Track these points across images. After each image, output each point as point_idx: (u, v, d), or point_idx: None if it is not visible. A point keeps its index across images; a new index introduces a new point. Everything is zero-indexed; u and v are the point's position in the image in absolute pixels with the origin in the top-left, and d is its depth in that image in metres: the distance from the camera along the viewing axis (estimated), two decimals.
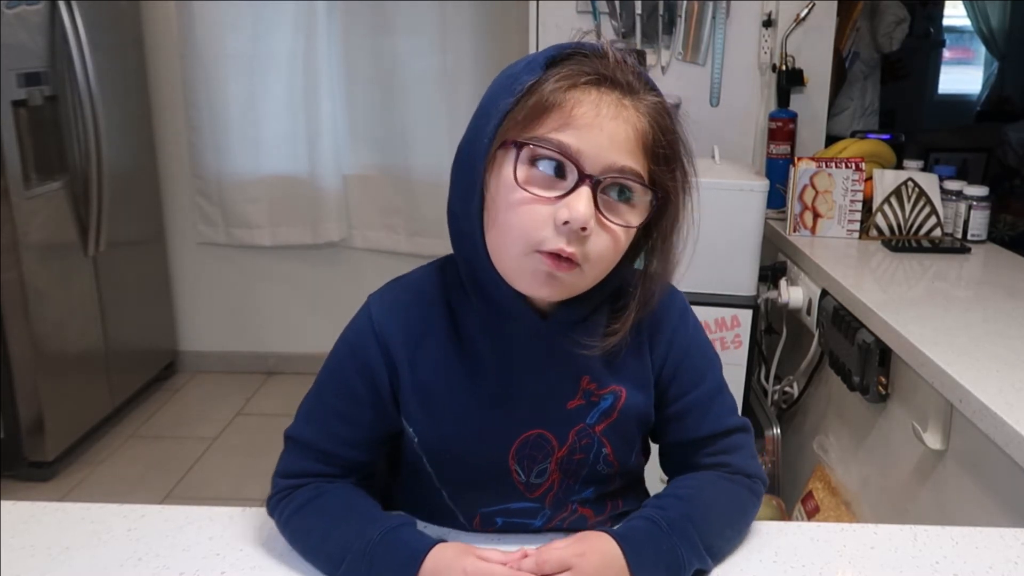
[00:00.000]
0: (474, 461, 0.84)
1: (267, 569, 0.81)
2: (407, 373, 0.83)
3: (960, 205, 2.01)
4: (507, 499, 0.86)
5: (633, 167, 0.75)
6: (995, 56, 5.86)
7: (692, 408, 0.88)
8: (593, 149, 0.73)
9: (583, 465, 0.85)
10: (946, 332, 1.39)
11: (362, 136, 3.32)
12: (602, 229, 0.74)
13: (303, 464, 0.86)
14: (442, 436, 0.84)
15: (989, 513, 1.19)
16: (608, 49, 0.76)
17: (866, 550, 0.86)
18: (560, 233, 0.73)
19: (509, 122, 0.75)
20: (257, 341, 3.52)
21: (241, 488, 2.65)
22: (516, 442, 0.83)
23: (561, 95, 0.73)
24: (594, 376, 0.84)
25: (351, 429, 0.85)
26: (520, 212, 0.74)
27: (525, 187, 0.73)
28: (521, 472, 0.84)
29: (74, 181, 2.73)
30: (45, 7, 2.58)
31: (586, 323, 0.82)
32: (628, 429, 0.86)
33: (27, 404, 2.59)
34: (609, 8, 2.36)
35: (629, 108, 0.75)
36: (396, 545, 0.77)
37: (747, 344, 1.84)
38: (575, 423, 0.84)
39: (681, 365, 0.87)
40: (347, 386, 0.85)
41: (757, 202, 1.81)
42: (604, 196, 0.74)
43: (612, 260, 0.78)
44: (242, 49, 3.19)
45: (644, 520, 0.79)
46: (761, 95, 2.42)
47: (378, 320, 0.84)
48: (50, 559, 0.81)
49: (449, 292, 0.84)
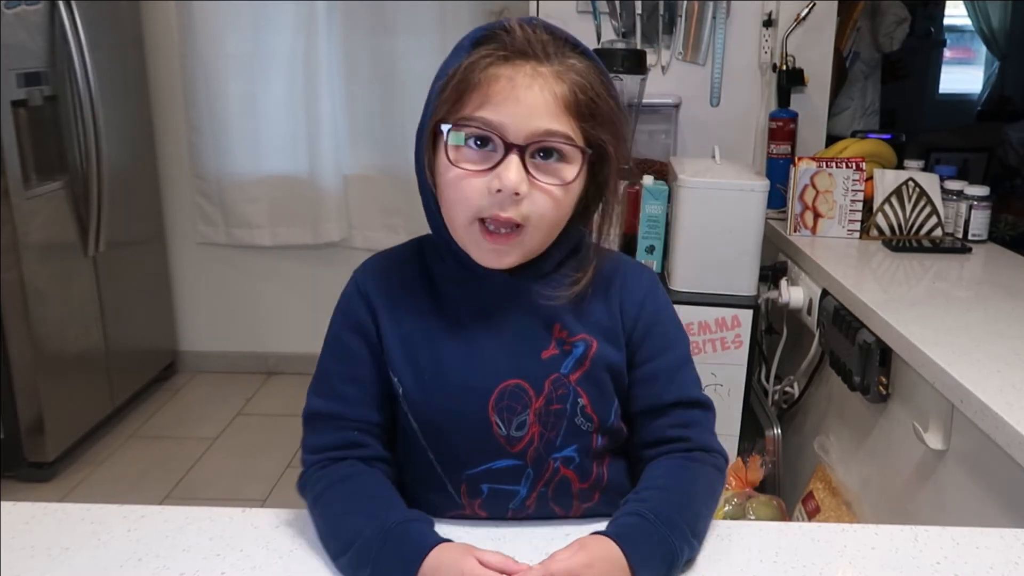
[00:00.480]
0: (455, 414, 0.87)
1: (267, 569, 0.81)
2: (389, 327, 0.89)
3: (961, 205, 2.01)
4: (490, 457, 0.88)
5: (557, 129, 0.80)
6: (996, 56, 5.86)
7: (659, 373, 0.91)
8: (514, 119, 0.79)
9: (561, 416, 0.88)
10: (947, 332, 1.39)
11: (362, 136, 3.32)
12: (538, 191, 0.81)
13: (323, 438, 0.89)
14: (425, 389, 0.88)
15: (990, 513, 1.19)
16: (515, 25, 0.82)
17: (867, 550, 0.85)
18: (496, 201, 0.80)
19: (440, 106, 0.82)
20: (257, 341, 3.52)
21: (241, 488, 2.65)
22: (495, 392, 0.87)
23: (478, 75, 0.80)
24: (565, 324, 0.88)
25: (358, 388, 0.89)
26: (458, 187, 0.82)
27: (457, 164, 0.81)
28: (501, 424, 0.87)
29: (74, 181, 2.73)
30: (45, 7, 2.58)
31: (551, 278, 0.88)
32: (602, 379, 0.89)
33: (27, 404, 2.59)
34: (609, 8, 2.36)
35: (545, 75, 0.80)
36: (403, 539, 0.78)
37: (747, 344, 1.84)
38: (550, 372, 0.88)
39: (652, 330, 0.91)
40: (344, 347, 0.90)
41: (757, 202, 1.81)
42: (534, 160, 0.80)
43: (558, 217, 0.84)
44: (242, 49, 3.19)
45: (633, 516, 0.81)
46: (761, 95, 2.42)
47: (361, 282, 0.91)
48: (50, 559, 0.81)
49: (426, 256, 0.92)
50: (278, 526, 0.88)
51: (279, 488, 2.65)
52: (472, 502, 0.90)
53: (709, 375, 1.85)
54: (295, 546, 0.85)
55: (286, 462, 2.80)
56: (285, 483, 2.68)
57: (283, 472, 2.74)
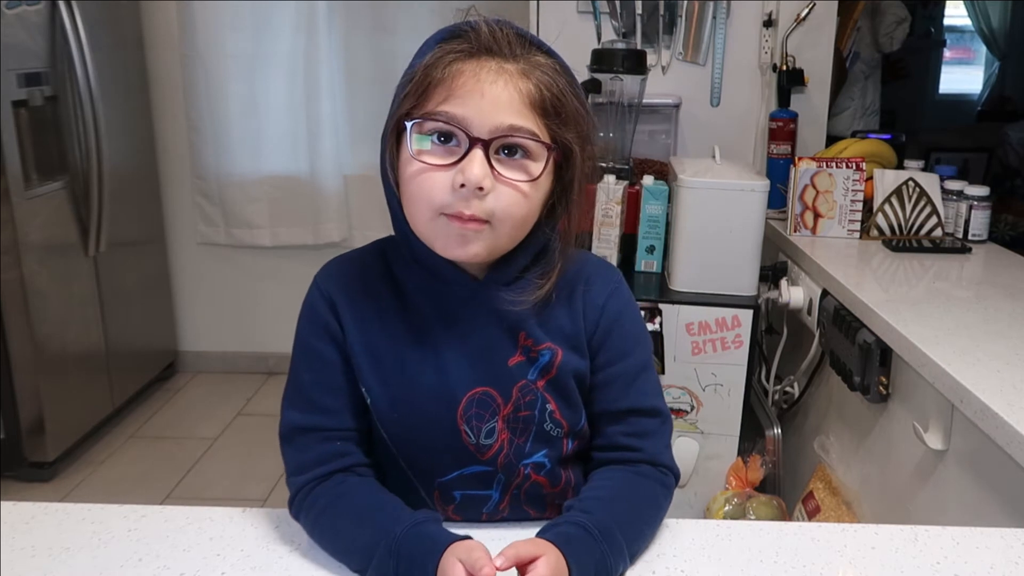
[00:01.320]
0: (424, 423, 0.86)
1: (267, 569, 0.81)
2: (355, 335, 0.87)
3: (961, 205, 2.01)
4: (461, 464, 0.88)
5: (522, 125, 0.79)
6: (996, 56, 5.86)
7: (616, 379, 0.90)
8: (477, 114, 0.78)
9: (530, 422, 0.88)
10: (947, 332, 1.39)
11: (362, 136, 3.32)
12: (504, 186, 0.79)
13: (306, 454, 0.87)
14: (392, 398, 0.86)
15: (990, 513, 1.19)
16: (481, 23, 0.81)
17: (867, 550, 0.86)
18: (460, 197, 0.78)
19: (404, 102, 0.81)
20: (257, 341, 3.52)
21: (241, 488, 2.65)
22: (463, 400, 0.86)
23: (442, 71, 0.79)
24: (530, 332, 0.87)
25: (335, 397, 0.87)
26: (419, 180, 0.80)
27: (419, 158, 0.79)
28: (470, 432, 0.87)
29: (74, 181, 2.73)
30: (45, 7, 2.58)
31: (516, 283, 0.86)
32: (568, 386, 0.88)
33: (28, 404, 2.59)
34: (609, 8, 2.36)
35: (510, 71, 0.79)
36: (418, 541, 0.77)
37: (748, 344, 1.84)
38: (517, 379, 0.87)
39: (611, 334, 0.90)
40: (314, 353, 0.88)
41: (758, 202, 1.81)
42: (498, 156, 0.79)
43: (525, 215, 0.82)
44: (242, 49, 3.19)
45: (576, 527, 0.79)
46: (762, 95, 2.42)
47: (324, 286, 0.90)
48: (51, 559, 0.82)
49: (390, 262, 0.90)
50: (278, 526, 0.89)
51: (279, 488, 2.65)
52: (446, 508, 0.90)
53: (709, 375, 1.85)
54: (295, 546, 0.85)
55: None
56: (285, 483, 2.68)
57: (283, 472, 2.74)
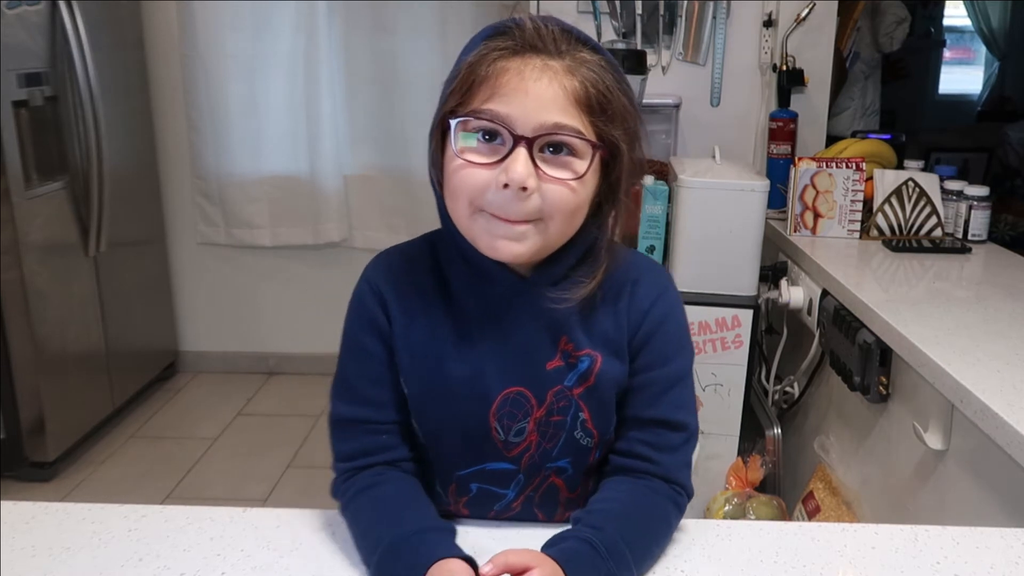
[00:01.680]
0: (457, 417, 0.87)
1: (267, 569, 0.81)
2: (400, 327, 0.88)
3: (961, 205, 2.02)
4: (485, 459, 0.88)
5: (567, 123, 0.78)
6: (996, 56, 5.86)
7: (650, 385, 0.88)
8: (522, 112, 0.77)
9: (561, 428, 0.87)
10: (947, 332, 1.39)
11: (363, 136, 3.32)
12: (550, 184, 0.78)
13: (352, 444, 0.89)
14: (428, 393, 0.87)
15: (990, 513, 1.19)
16: (527, 20, 0.81)
17: (867, 550, 0.86)
18: (505, 197, 0.77)
19: (449, 99, 0.80)
20: (257, 341, 3.52)
21: (242, 488, 2.65)
22: (497, 398, 0.86)
23: (487, 68, 0.78)
24: (571, 337, 0.87)
25: (381, 390, 0.88)
26: (461, 175, 0.79)
27: (463, 155, 0.79)
28: (501, 430, 0.87)
29: (75, 181, 2.73)
30: (46, 7, 2.58)
31: (563, 283, 0.85)
32: (605, 395, 0.87)
33: (28, 404, 2.59)
34: (610, 8, 2.36)
35: (555, 68, 0.78)
36: (413, 551, 0.77)
37: (748, 344, 1.84)
38: (553, 384, 0.87)
39: (653, 338, 0.88)
40: (361, 347, 0.89)
41: (758, 202, 1.81)
42: (543, 154, 0.78)
43: (573, 209, 0.81)
44: (242, 49, 3.19)
45: (583, 543, 0.78)
46: (762, 95, 2.42)
47: (373, 279, 0.90)
48: (51, 559, 0.82)
49: (438, 256, 0.90)
50: (278, 526, 0.88)
51: (279, 488, 2.65)
52: (459, 500, 0.90)
53: (709, 375, 1.85)
54: (295, 546, 0.85)
55: (286, 462, 2.80)
56: (285, 483, 2.68)
57: (283, 472, 2.74)
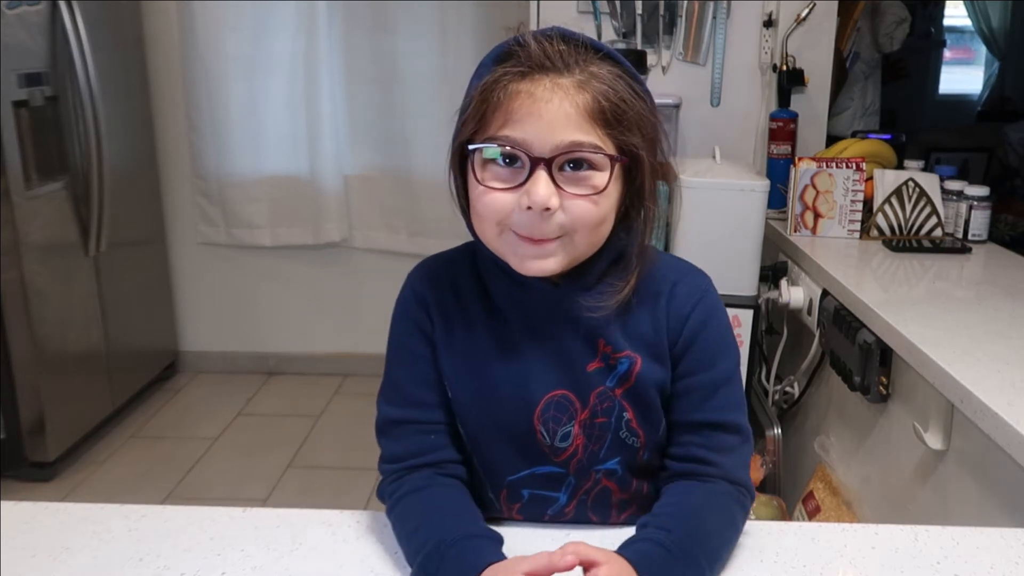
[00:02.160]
0: (501, 422, 0.88)
1: (267, 569, 0.82)
2: (443, 331, 0.89)
3: (961, 205, 2.01)
4: (533, 463, 0.89)
5: (583, 139, 0.78)
6: (996, 56, 5.86)
7: (695, 390, 0.88)
8: (537, 134, 0.78)
9: (606, 429, 0.88)
10: (947, 332, 1.39)
11: (363, 136, 3.32)
12: (572, 200, 0.79)
13: (401, 445, 0.90)
14: (472, 399, 0.88)
15: (990, 513, 1.19)
16: (529, 39, 0.81)
17: (867, 550, 0.86)
18: (529, 219, 0.79)
19: (464, 128, 0.82)
20: (258, 341, 3.52)
21: (242, 488, 2.65)
22: (541, 402, 0.87)
23: (499, 93, 0.79)
24: (609, 339, 0.87)
25: (429, 391, 0.90)
26: (485, 201, 0.81)
27: (485, 183, 0.80)
28: (546, 434, 0.87)
29: (75, 181, 2.73)
30: (46, 7, 2.58)
31: (595, 289, 0.86)
32: (647, 395, 0.88)
33: (28, 404, 2.59)
34: (610, 8, 2.36)
35: (565, 87, 0.79)
36: (458, 558, 0.77)
37: (748, 344, 1.84)
38: (595, 386, 0.87)
39: (694, 343, 0.88)
40: (408, 350, 0.91)
41: (758, 202, 1.81)
42: (563, 173, 0.79)
43: (598, 221, 0.81)
44: (243, 49, 3.19)
45: (655, 545, 0.78)
46: (762, 95, 2.42)
47: (416, 286, 0.92)
48: (51, 559, 0.82)
49: (478, 263, 0.91)
50: (279, 526, 0.89)
51: (280, 488, 2.65)
52: (511, 506, 0.91)
53: None
54: (296, 546, 0.85)
55: (287, 462, 2.80)
56: (285, 483, 2.68)
57: (283, 472, 2.74)
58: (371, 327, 3.38)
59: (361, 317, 3.42)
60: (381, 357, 0.94)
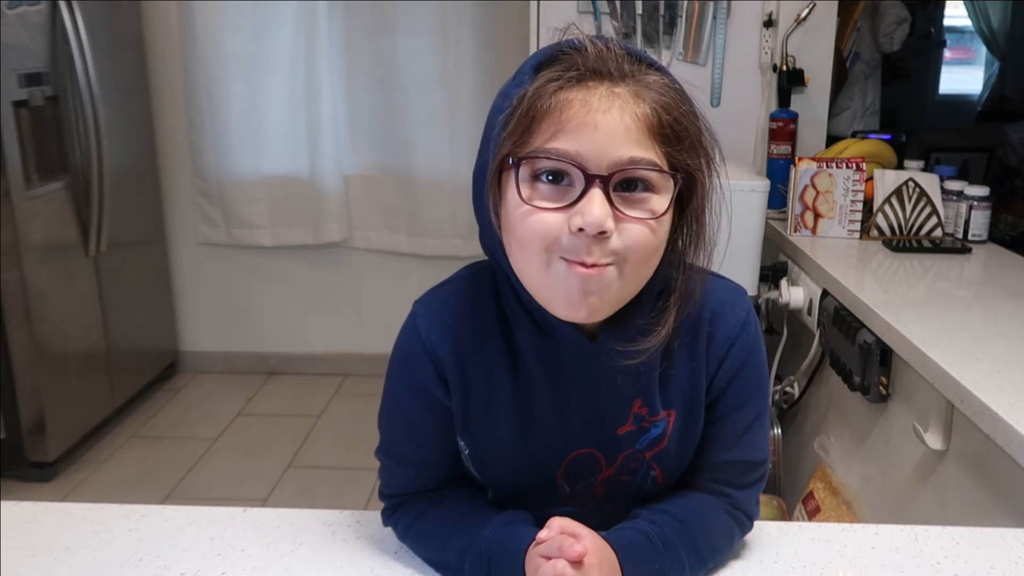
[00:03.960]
0: (522, 479, 0.84)
1: (267, 569, 0.81)
2: (458, 389, 0.81)
3: (961, 205, 2.02)
4: (548, 505, 0.84)
5: (642, 156, 0.70)
6: (996, 56, 5.85)
7: (727, 431, 0.84)
8: (592, 148, 0.69)
9: (629, 486, 0.84)
10: (947, 332, 1.39)
11: (363, 136, 3.32)
12: (628, 223, 0.70)
13: (397, 483, 0.87)
14: (493, 453, 0.83)
15: (990, 513, 1.19)
16: (586, 42, 0.72)
17: (867, 550, 0.86)
18: (577, 245, 0.69)
19: (505, 140, 0.71)
20: (258, 341, 3.52)
21: (242, 488, 2.65)
22: (564, 462, 0.83)
23: (547, 101, 0.69)
24: (646, 400, 0.81)
25: (424, 451, 0.85)
26: (530, 222, 0.70)
27: (530, 202, 0.70)
28: (567, 486, 0.84)
29: (75, 181, 2.73)
30: (46, 7, 2.58)
31: (634, 337, 0.77)
32: (679, 453, 0.84)
33: (28, 404, 2.59)
34: (610, 8, 2.36)
35: (623, 96, 0.70)
36: (507, 539, 0.77)
37: None
38: (624, 448, 0.82)
39: (731, 384, 0.83)
40: (405, 412, 0.85)
41: (758, 202, 1.81)
42: (618, 193, 0.70)
43: (652, 252, 0.73)
44: (243, 49, 3.19)
45: (640, 534, 0.78)
46: (762, 95, 2.42)
47: (427, 336, 0.81)
48: (51, 559, 0.82)
49: (500, 300, 0.81)
50: (278, 526, 0.89)
51: (279, 488, 2.65)
52: None
53: None
54: (295, 546, 0.85)
55: (287, 462, 2.80)
56: (285, 483, 2.68)
57: (283, 472, 2.74)
58: (371, 327, 3.39)
59: (361, 317, 3.43)
60: (381, 357, 0.91)
